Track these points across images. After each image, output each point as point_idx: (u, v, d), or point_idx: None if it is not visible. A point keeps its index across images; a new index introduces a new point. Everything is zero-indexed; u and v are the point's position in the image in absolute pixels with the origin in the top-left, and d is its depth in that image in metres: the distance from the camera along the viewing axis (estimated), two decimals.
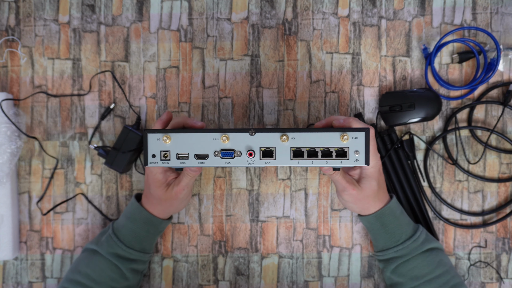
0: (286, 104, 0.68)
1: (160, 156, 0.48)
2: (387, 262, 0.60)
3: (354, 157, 0.47)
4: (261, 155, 0.48)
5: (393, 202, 0.59)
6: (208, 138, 0.48)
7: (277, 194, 0.68)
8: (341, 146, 0.47)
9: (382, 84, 0.67)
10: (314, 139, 0.47)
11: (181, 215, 0.68)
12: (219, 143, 0.48)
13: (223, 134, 0.47)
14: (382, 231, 0.59)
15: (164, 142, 0.48)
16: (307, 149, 0.47)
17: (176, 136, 0.48)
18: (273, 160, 0.47)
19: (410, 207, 0.66)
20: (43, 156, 0.68)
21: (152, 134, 0.48)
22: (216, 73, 0.68)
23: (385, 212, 0.58)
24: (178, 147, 0.48)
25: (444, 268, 0.58)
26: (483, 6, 0.67)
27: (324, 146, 0.47)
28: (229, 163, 0.48)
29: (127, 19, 0.68)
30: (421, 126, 0.67)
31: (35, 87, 0.69)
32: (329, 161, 0.47)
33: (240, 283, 0.68)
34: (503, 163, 0.67)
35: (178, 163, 0.48)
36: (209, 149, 0.48)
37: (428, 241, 0.59)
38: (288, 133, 0.47)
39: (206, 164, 0.48)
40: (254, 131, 0.47)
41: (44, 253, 0.68)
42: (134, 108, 0.68)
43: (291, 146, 0.47)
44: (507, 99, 0.65)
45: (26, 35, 0.69)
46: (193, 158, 0.48)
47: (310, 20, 0.68)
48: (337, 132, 0.47)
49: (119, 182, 0.68)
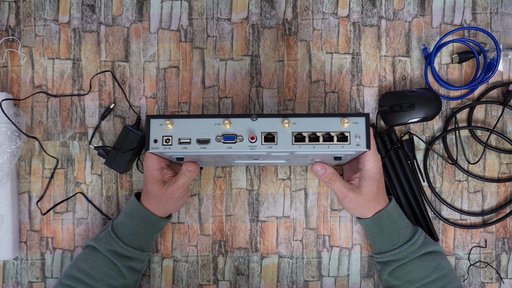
0: (286, 104, 0.68)
1: (162, 141, 0.48)
2: (384, 264, 0.60)
3: (355, 141, 0.47)
4: (262, 140, 0.48)
5: (391, 205, 0.59)
6: (210, 123, 0.48)
7: (277, 194, 0.68)
8: (342, 131, 0.48)
9: (382, 84, 0.67)
10: (315, 124, 0.48)
11: (181, 215, 0.68)
12: (221, 128, 0.48)
13: (225, 119, 0.47)
14: (380, 234, 0.59)
15: (166, 127, 0.48)
16: (308, 134, 0.48)
17: (178, 121, 0.48)
18: (275, 145, 0.48)
19: (410, 207, 0.66)
20: (43, 156, 0.68)
21: (155, 119, 0.48)
22: (216, 73, 0.68)
23: (383, 216, 0.58)
24: (180, 132, 0.48)
25: (442, 272, 0.57)
26: (483, 6, 0.67)
27: (325, 131, 0.48)
28: (231, 147, 0.48)
29: (127, 19, 0.68)
30: (421, 126, 0.67)
31: (35, 87, 0.69)
32: (330, 146, 0.47)
33: (240, 283, 0.68)
34: (503, 163, 0.67)
35: (180, 148, 0.48)
36: (211, 134, 0.48)
37: (427, 245, 0.58)
38: (289, 118, 0.47)
39: (208, 149, 0.48)
40: (256, 116, 0.47)
41: (44, 253, 0.68)
42: (134, 108, 0.68)
43: (293, 131, 0.48)
44: (507, 99, 0.65)
45: (26, 35, 0.69)
46: (195, 143, 0.48)
47: (310, 20, 0.68)
48: (338, 117, 0.47)
49: (119, 182, 0.68)
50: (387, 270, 0.60)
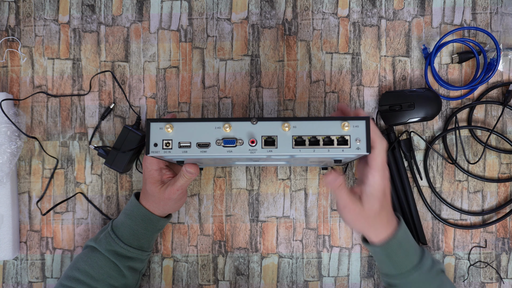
0: (286, 104, 0.68)
1: (162, 145, 0.48)
2: (390, 285, 0.60)
3: (356, 145, 0.47)
4: (263, 143, 0.48)
5: (400, 232, 0.56)
6: (210, 127, 0.48)
7: (277, 194, 0.68)
8: (342, 134, 0.47)
9: (381, 84, 0.67)
10: (315, 128, 0.48)
11: (181, 215, 0.68)
12: (221, 132, 0.48)
13: (225, 122, 0.47)
14: (387, 261, 0.57)
15: (166, 131, 0.48)
16: (308, 138, 0.48)
17: (178, 125, 0.48)
18: (275, 148, 0.48)
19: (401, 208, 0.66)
20: (43, 156, 0.68)
21: (155, 123, 0.48)
22: (216, 73, 0.68)
23: (392, 244, 0.55)
24: (180, 135, 0.48)
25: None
26: (483, 6, 0.67)
27: (325, 134, 0.48)
28: (231, 151, 0.48)
29: (127, 19, 0.68)
30: (421, 126, 0.67)
31: (35, 87, 0.69)
32: (330, 149, 0.47)
33: (240, 283, 0.68)
34: (503, 163, 0.67)
35: (180, 152, 0.48)
36: (211, 137, 0.48)
37: (433, 267, 0.57)
38: (289, 121, 0.47)
39: (208, 153, 0.48)
40: (256, 120, 0.47)
41: (44, 253, 0.68)
42: (134, 108, 0.68)
43: (293, 135, 0.48)
44: (507, 99, 0.65)
45: (26, 35, 0.69)
46: (195, 147, 0.48)
47: (310, 20, 0.68)
48: (338, 121, 0.47)
49: (119, 182, 0.68)
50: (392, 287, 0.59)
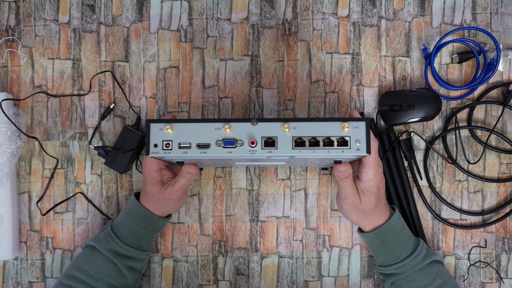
0: (286, 104, 0.68)
1: (162, 145, 0.48)
2: (387, 276, 0.61)
3: (356, 146, 0.47)
4: (263, 144, 0.48)
5: (394, 218, 0.58)
6: (210, 128, 0.48)
7: (277, 194, 0.68)
8: (342, 135, 0.48)
9: (381, 84, 0.67)
10: (315, 129, 0.48)
11: (181, 215, 0.68)
12: (221, 133, 0.48)
13: (225, 123, 0.47)
14: (382, 248, 0.59)
15: (166, 132, 0.48)
16: (308, 139, 0.48)
17: (178, 126, 0.48)
18: (275, 149, 0.48)
19: (401, 207, 0.66)
20: (43, 156, 0.68)
21: (155, 124, 0.48)
22: (216, 73, 0.68)
23: (385, 229, 0.58)
24: (180, 136, 0.48)
25: (442, 280, 0.58)
26: (483, 6, 0.67)
27: (325, 135, 0.48)
28: (231, 152, 0.48)
29: (127, 19, 0.68)
30: (421, 126, 0.67)
31: (35, 87, 0.69)
32: (330, 151, 0.48)
33: (240, 283, 0.68)
34: (503, 163, 0.67)
35: (180, 152, 0.48)
36: (211, 138, 0.48)
37: (428, 256, 0.59)
38: (289, 122, 0.47)
39: (208, 154, 0.48)
40: (256, 121, 0.47)
41: (44, 253, 0.68)
42: (134, 108, 0.68)
43: (293, 136, 0.48)
44: (507, 99, 0.65)
45: (26, 35, 0.69)
46: (195, 148, 0.48)
47: (310, 20, 0.68)
48: (338, 122, 0.47)
49: (119, 182, 0.68)
50: (389, 280, 0.60)
